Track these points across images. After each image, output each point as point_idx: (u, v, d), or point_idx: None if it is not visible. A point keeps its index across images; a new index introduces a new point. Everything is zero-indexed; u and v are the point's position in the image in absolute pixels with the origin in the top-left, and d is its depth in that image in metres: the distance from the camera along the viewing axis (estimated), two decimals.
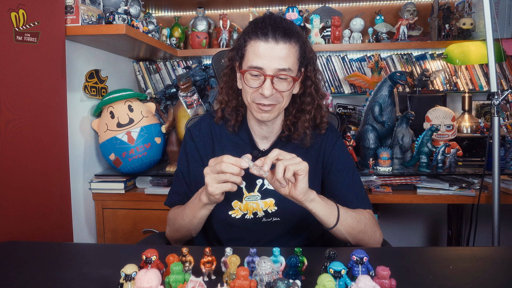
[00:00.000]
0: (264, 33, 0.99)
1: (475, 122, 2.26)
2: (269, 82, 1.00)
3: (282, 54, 0.99)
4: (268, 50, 0.99)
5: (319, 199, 0.98)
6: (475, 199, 1.74)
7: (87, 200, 1.91)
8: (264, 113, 1.05)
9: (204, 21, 2.51)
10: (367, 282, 0.67)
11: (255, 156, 1.14)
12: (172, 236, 1.19)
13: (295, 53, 1.03)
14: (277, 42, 0.99)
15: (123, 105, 1.86)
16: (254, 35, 1.01)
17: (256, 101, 1.04)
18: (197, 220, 1.08)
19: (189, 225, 1.11)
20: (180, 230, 1.14)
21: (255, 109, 1.06)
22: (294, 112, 1.14)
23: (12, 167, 1.36)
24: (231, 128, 1.17)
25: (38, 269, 0.90)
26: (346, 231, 1.03)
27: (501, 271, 0.87)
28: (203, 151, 1.18)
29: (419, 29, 2.42)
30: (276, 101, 1.04)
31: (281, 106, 1.06)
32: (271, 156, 0.89)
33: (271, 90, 1.00)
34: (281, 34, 0.99)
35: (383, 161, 1.89)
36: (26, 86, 1.42)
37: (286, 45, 1.00)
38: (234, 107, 1.15)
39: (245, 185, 1.13)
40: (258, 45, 1.00)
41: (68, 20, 1.66)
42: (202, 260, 0.81)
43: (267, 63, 0.99)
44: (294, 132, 1.14)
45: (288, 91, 1.04)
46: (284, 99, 1.05)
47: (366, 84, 2.33)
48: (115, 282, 0.79)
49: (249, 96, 1.05)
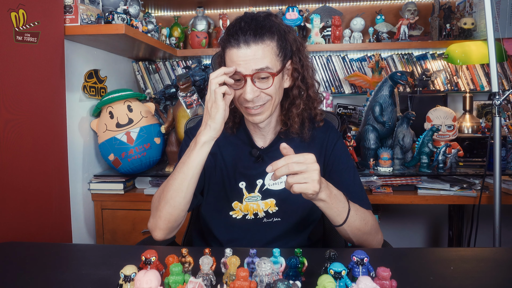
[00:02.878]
0: (235, 39, 0.99)
1: (476, 122, 2.25)
2: (249, 83, 0.99)
3: (258, 55, 0.99)
4: (241, 56, 0.99)
5: (329, 200, 0.95)
6: (476, 199, 1.73)
7: (86, 201, 1.90)
8: (255, 116, 1.04)
9: (204, 21, 2.51)
10: (367, 283, 0.66)
11: (254, 154, 1.13)
12: (156, 222, 1.06)
13: (272, 50, 1.01)
14: (249, 46, 0.98)
15: (123, 105, 1.86)
16: (228, 43, 1.01)
17: (244, 105, 1.04)
18: (192, 171, 0.99)
19: (178, 187, 1.00)
20: (165, 205, 1.03)
21: (246, 113, 1.07)
22: (287, 106, 1.12)
23: (11, 167, 1.36)
24: (229, 130, 1.17)
25: (37, 270, 0.90)
26: (352, 232, 1.02)
27: (502, 272, 0.87)
28: None
29: (420, 28, 2.41)
30: (263, 101, 1.03)
31: (273, 103, 1.05)
32: (280, 172, 0.90)
33: (253, 93, 0.99)
34: (251, 36, 0.98)
35: (384, 161, 1.89)
36: (25, 86, 1.42)
37: (258, 46, 0.99)
38: (231, 110, 1.14)
39: (245, 186, 1.13)
40: (232, 52, 1.00)
41: (67, 20, 1.65)
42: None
43: (243, 66, 0.99)
44: (290, 127, 1.13)
45: (271, 88, 1.02)
46: (272, 96, 1.03)
47: (367, 84, 2.33)
48: (114, 283, 0.79)
49: (237, 101, 1.06)
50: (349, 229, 1.01)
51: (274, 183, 1.11)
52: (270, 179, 1.10)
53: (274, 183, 1.11)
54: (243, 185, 1.13)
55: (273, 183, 1.11)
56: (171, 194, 1.02)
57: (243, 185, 1.13)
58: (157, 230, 1.07)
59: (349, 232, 1.02)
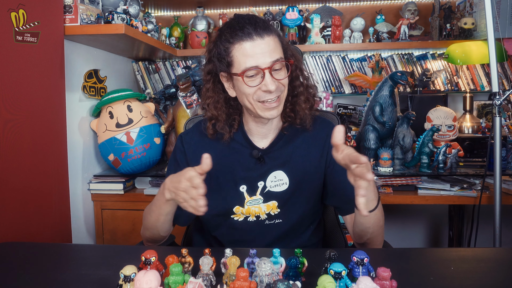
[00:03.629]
0: (247, 33, 0.98)
1: (476, 122, 2.25)
2: (269, 75, 0.99)
3: (271, 46, 0.99)
4: (257, 47, 0.98)
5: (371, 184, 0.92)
6: (476, 199, 1.73)
7: (86, 201, 1.90)
8: (271, 110, 1.03)
9: (204, 21, 2.51)
10: (367, 283, 0.66)
11: (255, 155, 1.11)
12: (143, 234, 1.15)
13: (279, 42, 1.03)
14: (262, 37, 0.99)
15: (122, 105, 1.86)
16: (236, 37, 0.99)
17: (261, 99, 1.02)
18: (163, 217, 1.05)
19: (155, 222, 1.07)
20: (149, 228, 1.10)
21: (261, 108, 1.03)
22: (290, 98, 1.12)
23: (11, 167, 1.35)
24: (227, 140, 1.12)
25: (36, 270, 0.90)
26: (374, 222, 0.99)
27: (503, 272, 0.87)
28: (193, 159, 1.14)
29: (420, 28, 2.41)
30: (280, 92, 1.03)
31: (283, 96, 1.06)
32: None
33: (274, 84, 0.99)
34: (261, 28, 0.99)
35: (384, 161, 1.89)
36: (25, 86, 1.42)
37: (270, 37, 1.00)
38: (226, 120, 1.12)
39: (246, 189, 1.11)
40: (246, 46, 0.99)
41: (67, 20, 1.65)
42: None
43: (261, 59, 0.98)
44: (296, 118, 1.12)
45: (287, 78, 1.04)
46: (285, 87, 1.05)
47: (367, 84, 2.33)
48: (114, 283, 0.78)
49: (251, 98, 1.02)
50: (375, 217, 0.98)
51: (276, 184, 1.10)
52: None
53: (276, 185, 1.10)
54: (244, 189, 1.11)
55: (275, 185, 1.10)
56: (150, 224, 1.10)
57: (244, 189, 1.11)
58: (145, 242, 1.17)
59: (372, 222, 0.99)
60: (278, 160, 1.12)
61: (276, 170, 1.11)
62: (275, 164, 1.11)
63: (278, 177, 1.11)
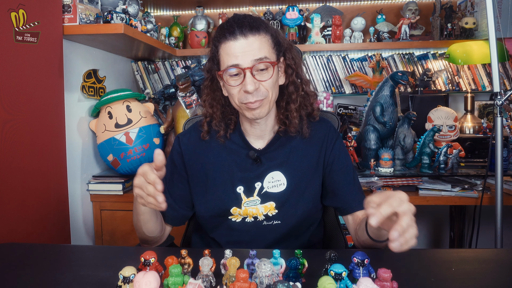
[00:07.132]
0: (231, 32, 0.99)
1: (477, 122, 2.25)
2: (249, 75, 0.98)
3: (255, 46, 0.99)
4: (239, 47, 0.99)
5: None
6: (477, 200, 1.72)
7: (84, 202, 1.89)
8: (254, 110, 1.03)
9: (203, 20, 2.50)
10: (368, 284, 0.66)
11: (252, 156, 1.10)
12: (138, 235, 1.16)
13: (268, 42, 1.02)
14: (246, 37, 0.99)
15: (121, 106, 1.85)
16: (223, 37, 1.01)
17: (243, 101, 1.02)
18: (141, 217, 1.05)
19: (136, 222, 1.09)
20: (136, 229, 1.12)
21: (245, 109, 1.04)
22: (284, 104, 1.11)
23: (9, 168, 1.35)
24: (222, 138, 1.13)
25: (35, 271, 0.89)
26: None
27: (504, 273, 0.87)
28: (190, 160, 1.15)
29: (421, 28, 2.40)
30: (262, 96, 1.01)
31: (270, 99, 1.04)
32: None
33: (253, 84, 0.98)
34: (247, 28, 0.99)
35: (385, 162, 1.88)
36: (24, 86, 1.41)
37: (256, 37, 0.99)
38: (221, 118, 1.13)
39: (243, 190, 1.10)
40: (229, 45, 1.00)
41: (66, 19, 1.65)
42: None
43: (242, 58, 0.98)
44: (289, 125, 1.11)
45: (270, 79, 1.01)
46: (269, 91, 1.02)
47: (367, 84, 2.32)
48: (113, 285, 0.78)
49: (236, 99, 1.03)
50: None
51: (273, 185, 1.10)
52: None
53: (273, 186, 1.10)
54: (241, 190, 1.10)
55: (272, 185, 1.10)
56: (135, 225, 1.11)
57: (241, 190, 1.10)
58: (140, 243, 1.18)
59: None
60: (276, 161, 1.11)
61: (274, 170, 1.10)
62: (273, 164, 1.11)
63: (276, 178, 1.10)
